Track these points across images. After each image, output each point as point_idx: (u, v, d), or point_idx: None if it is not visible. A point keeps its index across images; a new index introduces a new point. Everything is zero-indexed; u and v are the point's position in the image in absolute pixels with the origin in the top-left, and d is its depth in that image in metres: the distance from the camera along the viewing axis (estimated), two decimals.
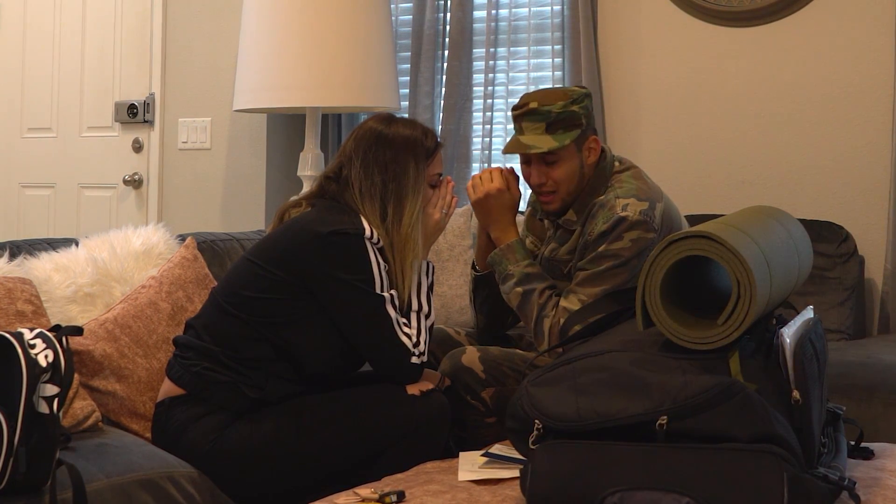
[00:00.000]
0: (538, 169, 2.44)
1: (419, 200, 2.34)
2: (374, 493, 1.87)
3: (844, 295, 3.11)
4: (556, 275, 2.49)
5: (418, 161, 2.36)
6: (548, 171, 2.43)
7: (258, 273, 2.32)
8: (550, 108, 2.39)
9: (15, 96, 4.69)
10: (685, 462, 1.64)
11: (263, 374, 2.28)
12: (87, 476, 1.98)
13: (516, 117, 2.44)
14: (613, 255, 2.35)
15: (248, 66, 3.61)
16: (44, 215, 4.61)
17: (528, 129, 2.41)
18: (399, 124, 2.39)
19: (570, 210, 2.47)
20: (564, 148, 2.40)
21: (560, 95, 2.42)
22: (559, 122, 2.39)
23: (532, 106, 2.40)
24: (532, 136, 2.40)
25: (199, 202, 4.26)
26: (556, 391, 1.77)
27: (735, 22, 3.53)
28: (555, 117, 2.39)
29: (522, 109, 2.42)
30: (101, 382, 2.40)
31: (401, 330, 2.29)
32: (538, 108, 2.39)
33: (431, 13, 3.91)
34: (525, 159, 2.47)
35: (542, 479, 1.71)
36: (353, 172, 2.36)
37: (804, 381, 1.72)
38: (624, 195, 2.40)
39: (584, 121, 2.43)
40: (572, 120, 2.40)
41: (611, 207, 2.38)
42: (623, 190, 2.42)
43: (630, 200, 2.39)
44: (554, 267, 2.50)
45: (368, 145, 2.36)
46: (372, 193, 2.33)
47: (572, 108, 2.40)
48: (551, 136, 2.39)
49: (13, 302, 2.30)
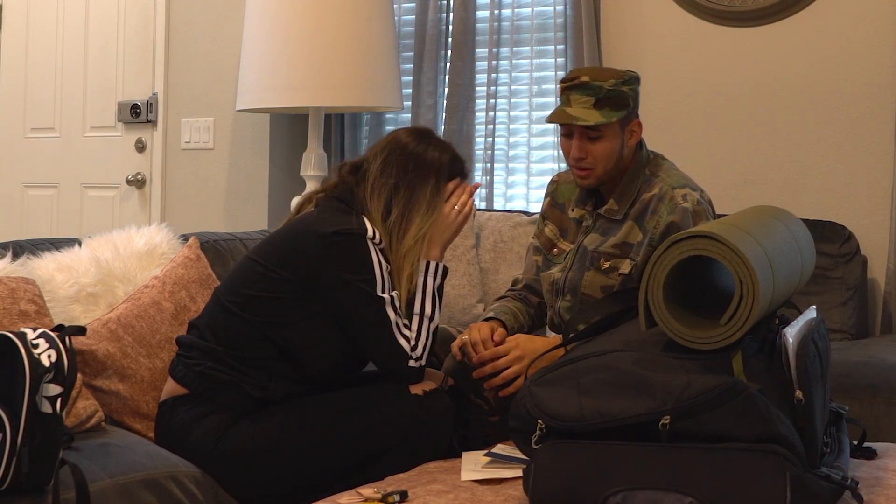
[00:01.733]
0: (580, 143, 2.41)
1: (430, 220, 2.35)
2: (376, 492, 1.87)
3: (847, 295, 3.11)
4: (593, 267, 2.45)
5: (439, 180, 2.37)
6: (589, 146, 2.41)
7: (261, 272, 2.32)
8: (602, 83, 2.37)
9: (18, 96, 4.69)
10: (688, 462, 1.64)
11: (266, 373, 2.29)
12: (90, 476, 1.98)
13: (565, 88, 2.41)
14: None
15: (251, 66, 3.61)
16: (47, 215, 4.62)
17: (576, 102, 2.39)
18: (433, 141, 2.40)
19: (612, 199, 2.46)
20: (610, 125, 2.39)
21: (612, 74, 2.41)
22: (608, 98, 2.38)
23: (584, 79, 2.38)
24: (579, 108, 2.38)
25: (201, 202, 4.26)
26: (559, 391, 1.78)
27: (738, 22, 3.53)
28: (605, 94, 2.37)
29: (573, 82, 2.40)
30: (104, 382, 2.41)
31: (400, 333, 2.29)
32: (590, 82, 2.38)
33: (434, 13, 3.91)
34: (567, 132, 2.45)
35: (545, 478, 1.71)
36: (371, 167, 2.37)
37: (807, 381, 1.72)
38: (678, 185, 2.42)
39: (631, 102, 2.42)
40: (621, 99, 2.39)
41: (671, 198, 2.39)
42: (673, 180, 2.43)
43: (686, 191, 2.40)
44: (595, 259, 2.46)
45: (394, 149, 2.38)
46: (381, 191, 2.33)
47: (622, 88, 2.39)
48: (599, 111, 2.38)
49: (16, 302, 2.30)
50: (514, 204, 3.89)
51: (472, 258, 3.42)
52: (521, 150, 3.87)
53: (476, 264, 3.42)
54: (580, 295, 2.46)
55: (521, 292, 2.66)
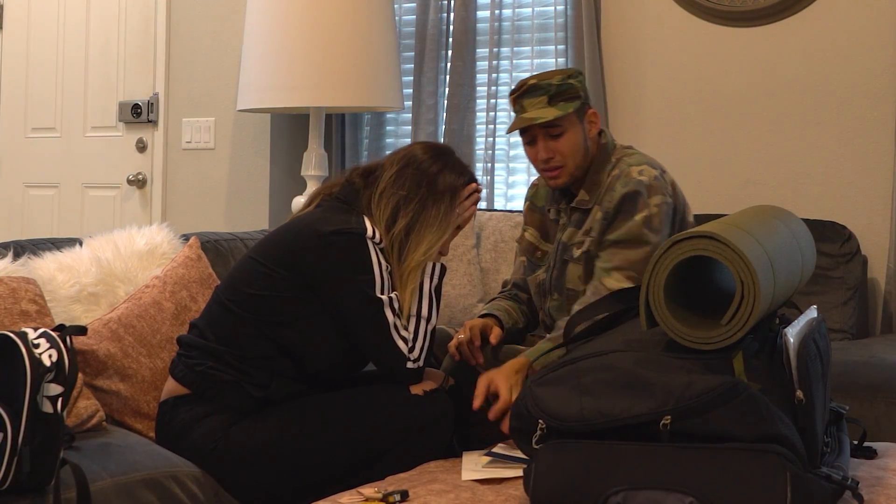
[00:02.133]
0: (544, 144, 2.45)
1: (440, 240, 2.34)
2: (377, 492, 1.87)
3: (847, 295, 3.11)
4: (570, 258, 2.49)
5: (453, 202, 2.36)
6: (554, 144, 2.45)
7: (261, 271, 2.32)
8: (550, 81, 2.44)
9: (19, 96, 4.70)
10: (688, 462, 1.64)
11: (267, 373, 2.29)
12: (90, 475, 1.98)
13: (516, 98, 2.46)
14: (644, 220, 2.39)
15: (251, 66, 3.62)
16: (48, 215, 4.62)
17: (531, 105, 2.44)
18: (450, 162, 2.39)
19: (582, 190, 2.49)
20: (568, 117, 2.44)
21: (557, 72, 2.48)
22: (560, 93, 2.43)
23: (532, 82, 2.44)
24: (534, 110, 2.43)
25: (202, 202, 4.26)
26: (559, 391, 1.78)
27: (738, 22, 3.53)
28: (555, 89, 2.43)
29: (522, 89, 2.45)
30: (105, 382, 2.41)
31: (398, 334, 2.29)
32: (538, 83, 2.43)
33: (435, 13, 3.91)
34: (530, 139, 2.49)
35: (546, 478, 1.71)
36: (384, 175, 2.36)
37: (807, 381, 1.72)
38: (636, 163, 2.45)
39: (582, 93, 2.47)
40: (572, 91, 2.45)
41: (627, 174, 2.43)
42: (634, 159, 2.48)
43: (644, 167, 2.44)
44: (569, 250, 2.49)
45: (410, 163, 2.36)
46: (389, 200, 2.32)
47: (570, 81, 2.45)
48: (553, 107, 2.43)
49: (17, 301, 2.30)
50: (514, 204, 3.89)
51: (472, 258, 3.42)
52: (522, 150, 3.85)
53: (477, 264, 3.42)
54: (566, 291, 2.49)
55: (512, 291, 2.70)
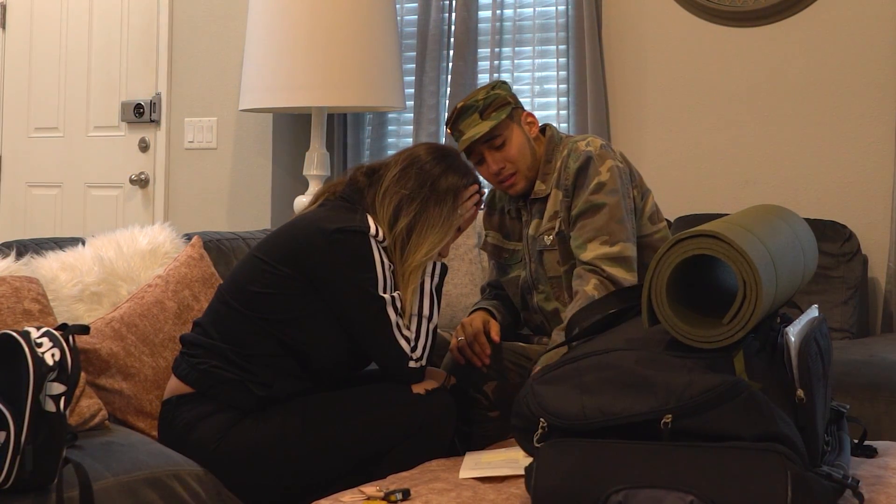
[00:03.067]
0: (491, 156, 2.51)
1: (443, 240, 2.35)
2: (379, 491, 1.87)
3: (848, 294, 3.11)
4: (543, 247, 2.52)
5: (456, 204, 2.37)
6: (500, 154, 2.50)
7: (264, 269, 2.33)
8: (476, 98, 2.50)
9: (22, 96, 4.71)
10: (689, 460, 1.64)
11: (270, 371, 2.29)
12: (93, 474, 1.99)
13: (451, 125, 2.52)
14: (596, 186, 2.44)
15: (253, 66, 3.62)
16: (50, 215, 4.63)
17: (466, 126, 2.49)
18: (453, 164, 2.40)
19: (537, 181, 2.55)
20: (503, 124, 2.49)
21: (481, 89, 2.54)
22: (488, 106, 2.49)
23: (460, 106, 2.50)
24: (471, 129, 2.48)
25: (205, 201, 4.27)
26: (561, 390, 1.78)
27: (739, 22, 3.53)
28: (482, 104, 2.49)
29: (454, 115, 2.51)
30: (108, 381, 2.41)
31: (400, 333, 2.29)
32: (465, 104, 2.50)
33: (436, 13, 3.92)
34: (478, 158, 2.53)
35: (547, 477, 1.71)
36: (388, 174, 2.37)
37: (808, 380, 1.72)
38: (581, 139, 2.54)
39: (511, 100, 2.53)
40: (500, 101, 2.50)
41: (575, 150, 2.50)
42: (579, 137, 2.57)
43: (589, 139, 2.53)
44: (540, 240, 2.54)
45: (413, 163, 2.38)
46: (392, 198, 2.33)
47: (495, 93, 2.51)
48: (486, 120, 2.48)
49: (20, 301, 2.30)
50: None
51: (474, 257, 3.42)
52: None
53: (478, 263, 3.43)
54: (549, 280, 2.50)
55: (493, 291, 2.74)
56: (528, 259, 2.57)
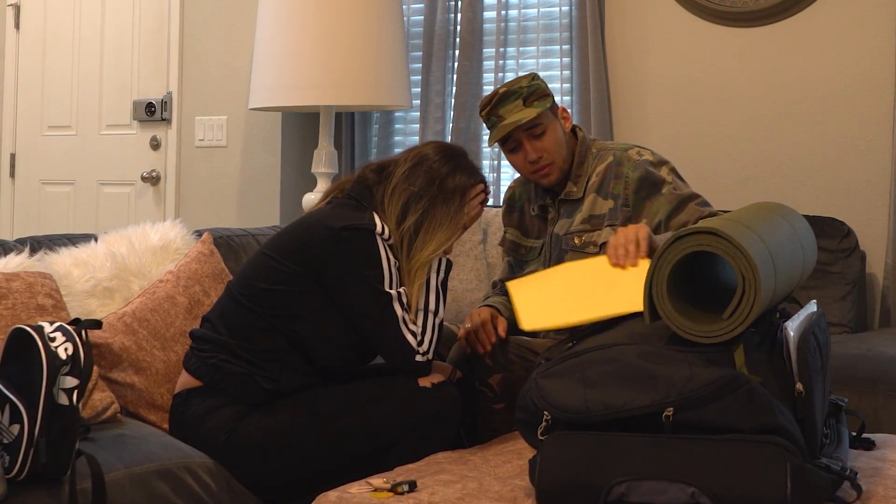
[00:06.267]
0: (531, 145, 2.50)
1: (450, 239, 2.37)
2: (386, 482, 1.89)
3: (846, 289, 3.12)
4: (568, 247, 2.52)
5: (463, 203, 2.39)
6: (540, 143, 2.50)
7: (272, 266, 2.35)
8: (520, 85, 2.49)
9: (35, 95, 4.74)
10: (690, 453, 1.66)
11: (278, 365, 2.31)
12: (106, 466, 2.01)
13: (490, 110, 2.50)
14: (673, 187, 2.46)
15: (263, 66, 3.65)
16: (64, 212, 4.66)
17: (507, 112, 2.48)
18: (461, 164, 2.41)
19: (569, 182, 2.55)
20: (545, 114, 2.49)
21: (521, 78, 2.52)
22: (532, 94, 2.48)
23: (502, 90, 2.49)
24: (513, 114, 2.47)
25: (215, 198, 4.30)
26: (564, 383, 1.79)
27: (739, 22, 3.55)
28: (527, 91, 2.48)
29: (494, 99, 2.49)
30: (120, 375, 2.43)
31: (406, 328, 2.31)
32: (510, 90, 2.48)
33: (442, 14, 3.94)
34: (513, 147, 2.52)
35: (551, 469, 1.72)
36: (397, 171, 2.39)
37: (807, 374, 1.74)
38: (626, 148, 2.54)
39: (549, 92, 2.53)
40: (542, 91, 2.51)
41: (628, 159, 2.50)
42: (619, 146, 2.56)
43: (637, 149, 2.53)
44: (569, 240, 2.53)
45: (421, 161, 2.39)
46: (401, 195, 2.35)
47: (536, 83, 2.51)
48: (530, 107, 2.47)
49: (34, 296, 2.33)
50: None
51: (479, 254, 3.45)
52: None
53: (484, 259, 3.45)
54: None
55: (503, 287, 2.72)
56: (549, 256, 2.58)
